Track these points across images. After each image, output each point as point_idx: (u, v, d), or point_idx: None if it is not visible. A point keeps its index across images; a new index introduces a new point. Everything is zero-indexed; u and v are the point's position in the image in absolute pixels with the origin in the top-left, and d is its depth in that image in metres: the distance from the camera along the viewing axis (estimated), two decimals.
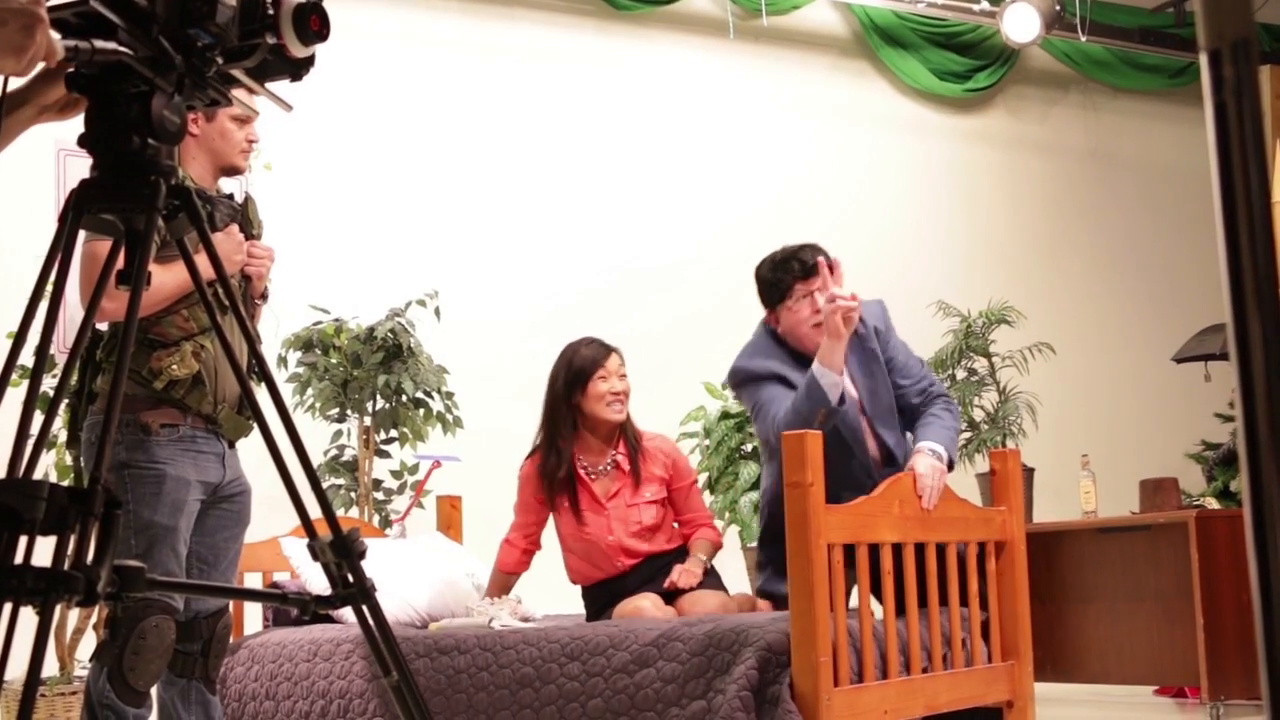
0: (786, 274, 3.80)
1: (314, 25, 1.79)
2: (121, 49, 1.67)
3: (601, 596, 4.05)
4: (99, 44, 1.64)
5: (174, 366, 3.12)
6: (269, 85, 1.87)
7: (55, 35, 1.63)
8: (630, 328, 6.90)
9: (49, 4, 1.65)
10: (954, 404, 3.95)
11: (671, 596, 3.93)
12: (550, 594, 4.44)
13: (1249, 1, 0.88)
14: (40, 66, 1.67)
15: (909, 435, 3.87)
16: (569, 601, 4.38)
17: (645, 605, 3.83)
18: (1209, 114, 0.88)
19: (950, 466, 3.73)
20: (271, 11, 1.77)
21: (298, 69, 1.84)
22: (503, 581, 4.22)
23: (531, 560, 4.25)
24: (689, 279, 7.18)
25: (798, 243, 3.90)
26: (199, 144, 3.23)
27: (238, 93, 1.88)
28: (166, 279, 2.96)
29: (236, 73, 1.81)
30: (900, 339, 3.95)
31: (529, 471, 4.14)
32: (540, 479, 4.07)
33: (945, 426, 3.80)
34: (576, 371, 4.03)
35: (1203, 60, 0.88)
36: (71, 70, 1.71)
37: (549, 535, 4.22)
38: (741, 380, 3.87)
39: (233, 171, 3.34)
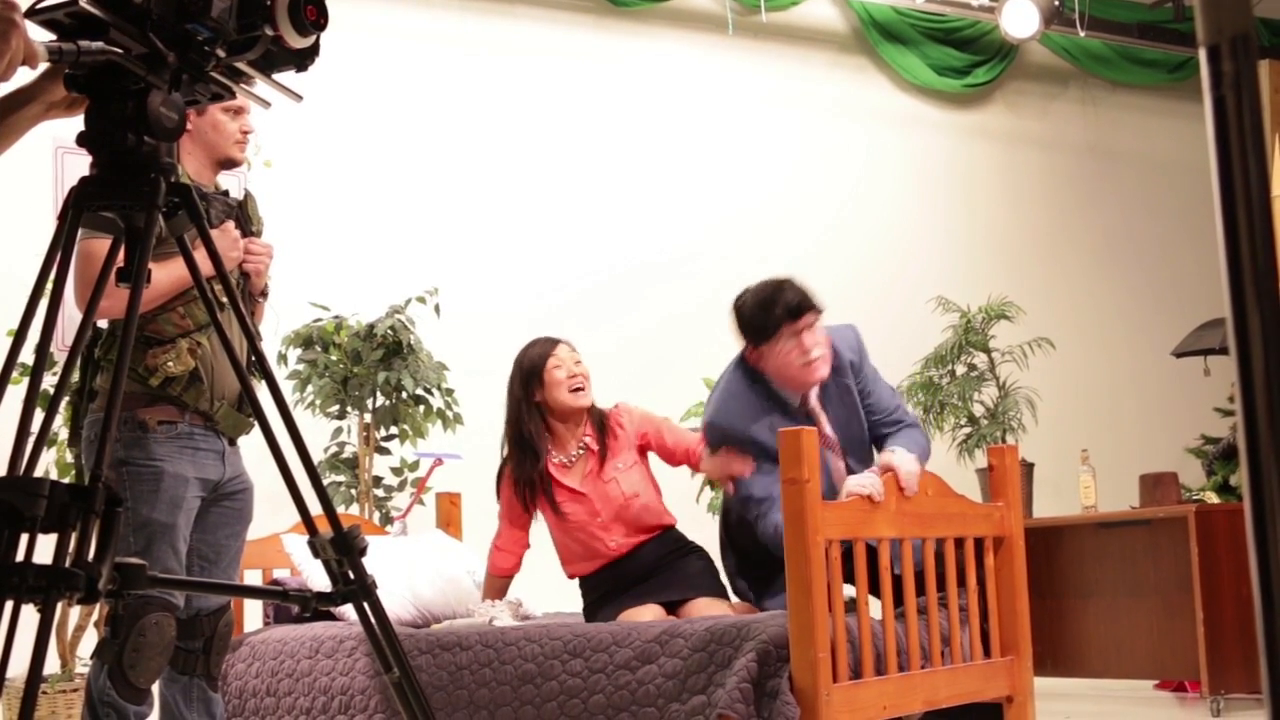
0: (773, 317, 3.64)
1: (310, 15, 1.79)
2: (111, 48, 1.66)
3: (604, 583, 4.00)
4: (85, 44, 1.63)
5: (169, 364, 3.12)
6: (275, 77, 1.87)
7: (48, 35, 1.63)
8: (630, 323, 6.93)
9: (42, 4, 1.65)
10: (923, 430, 3.93)
11: (673, 608, 3.91)
12: (550, 593, 4.44)
13: None
14: (44, 66, 1.67)
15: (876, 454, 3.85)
16: (568, 600, 4.37)
17: (646, 618, 3.80)
18: (1208, 109, 0.88)
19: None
20: (269, 3, 1.77)
21: (302, 59, 1.84)
22: (498, 585, 4.19)
23: (522, 559, 4.21)
24: (688, 274, 7.18)
25: (776, 278, 3.74)
26: (192, 139, 3.20)
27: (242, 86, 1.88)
28: (162, 276, 2.94)
29: (241, 65, 1.81)
30: (872, 366, 3.87)
31: (505, 479, 4.12)
32: (515, 482, 4.03)
33: (912, 439, 3.79)
34: (529, 370, 4.00)
35: (1202, 55, 0.89)
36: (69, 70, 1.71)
37: (542, 534, 4.19)
38: (720, 442, 3.74)
39: (229, 164, 3.32)
